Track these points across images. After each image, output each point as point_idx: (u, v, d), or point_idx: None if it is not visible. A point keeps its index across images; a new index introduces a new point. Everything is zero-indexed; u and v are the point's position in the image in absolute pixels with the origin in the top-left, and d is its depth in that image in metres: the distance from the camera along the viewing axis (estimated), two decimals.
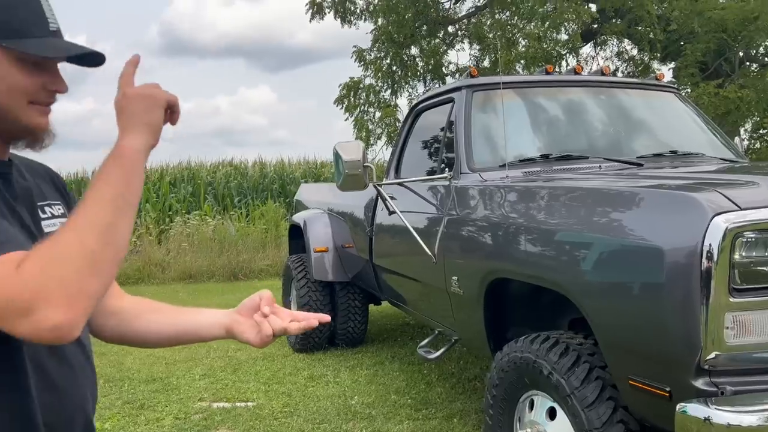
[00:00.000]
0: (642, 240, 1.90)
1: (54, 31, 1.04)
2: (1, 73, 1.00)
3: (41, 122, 1.05)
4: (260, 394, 4.13)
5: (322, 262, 4.96)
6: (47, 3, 1.04)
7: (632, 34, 8.65)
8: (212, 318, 1.24)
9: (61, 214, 1.15)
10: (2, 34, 0.98)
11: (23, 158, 1.16)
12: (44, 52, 1.00)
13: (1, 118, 1.02)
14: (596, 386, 2.13)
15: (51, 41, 1.02)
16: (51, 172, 1.24)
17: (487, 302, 2.71)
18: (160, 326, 1.25)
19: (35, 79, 1.02)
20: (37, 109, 1.04)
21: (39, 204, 1.11)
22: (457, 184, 3.04)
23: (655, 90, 3.66)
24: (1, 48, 0.99)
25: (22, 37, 0.99)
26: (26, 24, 1.00)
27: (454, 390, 4.03)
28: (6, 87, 1.00)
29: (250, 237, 10.65)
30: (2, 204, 1.01)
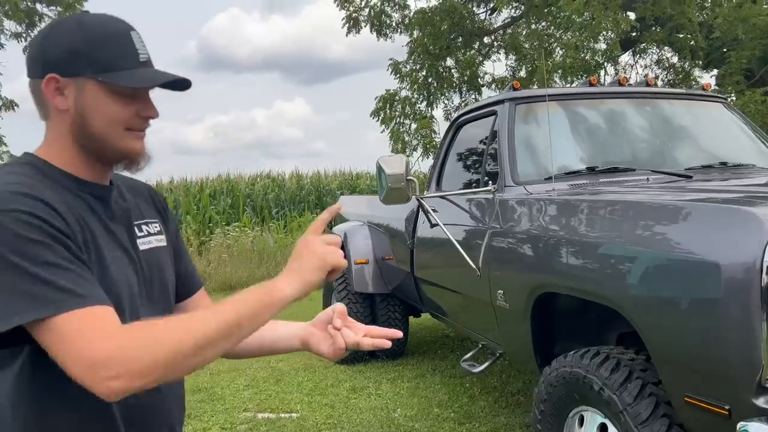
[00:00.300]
0: (698, 255, 1.87)
1: (144, 61, 1.10)
2: (99, 105, 1.07)
3: (137, 147, 1.12)
4: (303, 406, 4.17)
5: (363, 274, 4.99)
6: (137, 36, 1.11)
7: (673, 42, 8.51)
8: (290, 331, 1.30)
9: (156, 231, 1.22)
10: (97, 69, 1.06)
11: (126, 178, 1.23)
12: (134, 83, 1.07)
13: (101, 145, 1.09)
14: (650, 402, 2.09)
15: (140, 72, 1.09)
16: (151, 191, 1.30)
17: (535, 316, 2.70)
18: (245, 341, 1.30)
19: (129, 108, 1.09)
20: (132, 134, 1.11)
21: (136, 223, 1.18)
22: (502, 197, 3.04)
23: (702, 100, 3.60)
24: (97, 82, 1.06)
25: (114, 70, 1.06)
26: (117, 58, 1.07)
27: (497, 404, 4.01)
28: (104, 117, 1.07)
29: (288, 248, 10.77)
30: (99, 225, 1.08)
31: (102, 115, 1.07)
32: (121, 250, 1.11)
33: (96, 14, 1.12)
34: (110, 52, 1.07)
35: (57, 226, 0.98)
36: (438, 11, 10.08)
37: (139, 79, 1.08)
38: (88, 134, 1.08)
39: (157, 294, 1.18)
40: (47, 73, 1.06)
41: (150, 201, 1.27)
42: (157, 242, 1.21)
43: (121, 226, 1.14)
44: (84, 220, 1.05)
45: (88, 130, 1.08)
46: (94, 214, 1.09)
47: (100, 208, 1.11)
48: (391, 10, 10.85)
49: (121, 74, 1.07)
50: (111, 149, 1.10)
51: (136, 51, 1.09)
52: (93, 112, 1.07)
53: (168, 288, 1.23)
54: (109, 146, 1.09)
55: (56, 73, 1.06)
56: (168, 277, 1.23)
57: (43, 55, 1.08)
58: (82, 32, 1.07)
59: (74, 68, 1.06)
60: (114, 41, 1.08)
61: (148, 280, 1.16)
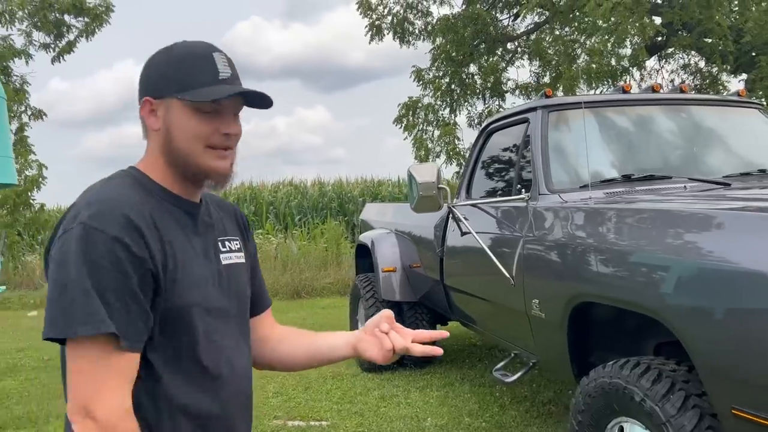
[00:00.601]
0: (743, 264, 1.84)
1: (223, 79, 1.15)
2: (181, 122, 1.13)
3: (217, 165, 1.15)
4: (333, 414, 4.17)
5: (390, 282, 4.99)
6: (222, 56, 1.16)
7: (702, 46, 8.41)
8: (343, 339, 1.33)
9: (237, 248, 1.27)
10: (179, 88, 1.13)
11: (215, 196, 1.31)
12: (204, 97, 1.11)
13: (184, 161, 1.14)
14: (694, 414, 2.06)
15: (216, 88, 1.12)
16: (237, 210, 1.37)
17: (571, 326, 2.67)
18: (300, 348, 1.35)
19: (209, 125, 1.13)
20: (214, 153, 1.15)
21: (220, 239, 1.23)
22: (536, 205, 3.02)
23: (738, 106, 3.54)
24: (179, 100, 1.13)
25: (193, 88, 1.12)
26: (197, 77, 1.13)
27: (528, 414, 3.97)
28: (186, 134, 1.13)
29: (311, 255, 10.81)
30: (185, 240, 1.14)
31: (184, 132, 1.13)
32: (203, 264, 1.16)
33: (187, 41, 1.19)
34: (191, 71, 1.13)
35: (135, 253, 1.04)
36: (461, 18, 10.08)
37: (212, 93, 1.12)
38: (173, 150, 1.14)
39: (236, 309, 1.23)
40: (143, 97, 1.16)
41: (234, 219, 1.33)
42: (237, 258, 1.26)
43: (206, 241, 1.19)
44: (170, 233, 1.11)
45: (172, 145, 1.14)
46: (182, 229, 1.15)
47: (188, 223, 1.17)
48: (413, 18, 10.87)
49: (198, 91, 1.12)
50: (193, 166, 1.15)
51: (217, 70, 1.14)
52: (177, 129, 1.13)
53: (246, 303, 1.28)
54: (191, 163, 1.14)
55: (150, 96, 1.15)
56: (246, 292, 1.28)
57: (142, 81, 1.17)
58: (168, 56, 1.16)
59: (162, 90, 1.14)
60: (196, 62, 1.14)
61: (228, 294, 1.21)
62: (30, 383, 5.34)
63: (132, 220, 1.05)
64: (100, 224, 1.03)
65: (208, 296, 1.15)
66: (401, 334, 1.26)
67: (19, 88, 11.06)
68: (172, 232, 1.12)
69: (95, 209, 1.05)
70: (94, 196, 1.09)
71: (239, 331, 1.23)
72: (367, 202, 13.44)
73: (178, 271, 1.10)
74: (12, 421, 4.30)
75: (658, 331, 2.44)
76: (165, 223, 1.12)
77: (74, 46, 11.41)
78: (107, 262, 1.02)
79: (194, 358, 1.12)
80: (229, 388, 1.18)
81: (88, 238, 1.03)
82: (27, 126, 11.15)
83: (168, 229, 1.12)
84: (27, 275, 11.86)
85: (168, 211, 1.14)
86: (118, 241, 1.03)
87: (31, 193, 10.84)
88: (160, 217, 1.11)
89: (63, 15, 11.73)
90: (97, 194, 1.10)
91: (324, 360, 1.35)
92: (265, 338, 1.37)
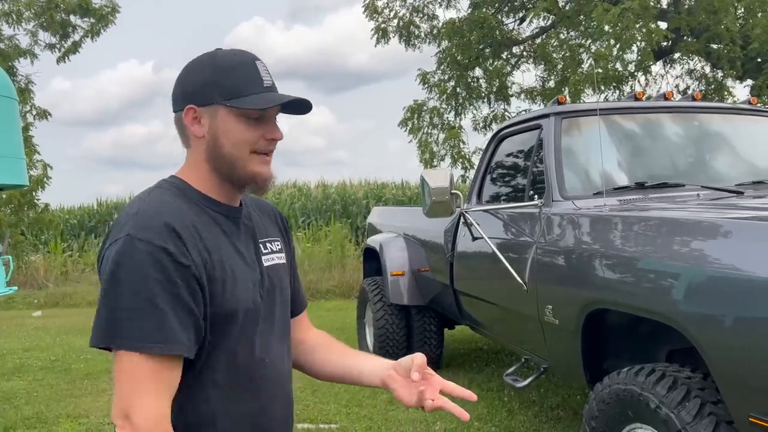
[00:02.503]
0: (762, 273, 1.85)
1: (268, 86, 1.17)
2: (228, 129, 1.15)
3: (262, 170, 1.19)
4: (342, 417, 4.18)
5: (399, 286, 5.00)
6: (262, 64, 1.19)
7: (709, 52, 8.42)
8: (373, 368, 1.32)
9: (278, 249, 1.30)
10: (226, 95, 1.14)
11: (255, 198, 1.33)
12: (256, 105, 1.14)
13: (231, 166, 1.17)
14: (710, 422, 2.07)
15: (264, 96, 1.15)
16: (276, 212, 1.39)
17: (585, 333, 2.68)
18: (331, 365, 1.37)
19: (255, 131, 1.16)
20: (258, 158, 1.18)
21: (261, 240, 1.26)
22: (549, 211, 3.04)
23: (751, 114, 3.56)
24: (226, 107, 1.15)
25: (241, 95, 1.15)
26: (243, 84, 1.15)
27: (537, 419, 3.98)
28: (233, 139, 1.16)
29: (315, 257, 10.82)
30: (228, 244, 1.17)
31: (231, 138, 1.15)
32: (247, 267, 1.19)
33: (227, 49, 1.21)
34: (237, 79, 1.15)
35: (180, 261, 1.07)
36: (467, 21, 10.10)
37: (262, 101, 1.15)
38: (219, 156, 1.16)
39: (279, 310, 1.26)
40: (186, 105, 1.16)
41: (274, 221, 1.36)
42: (278, 259, 1.29)
43: (247, 244, 1.22)
44: (212, 239, 1.14)
45: (219, 151, 1.16)
46: (224, 234, 1.18)
47: (230, 227, 1.20)
48: (419, 21, 10.89)
49: (247, 99, 1.14)
50: (239, 170, 1.17)
51: (261, 77, 1.17)
52: (223, 136, 1.16)
53: (287, 304, 1.31)
54: (238, 167, 1.17)
55: (193, 104, 1.16)
56: (287, 293, 1.31)
57: (183, 90, 1.17)
58: (213, 64, 1.17)
59: (208, 97, 1.15)
60: (241, 70, 1.16)
61: (272, 296, 1.24)
62: (38, 383, 5.36)
63: (174, 229, 1.08)
64: (145, 235, 1.06)
65: (253, 299, 1.18)
66: (430, 381, 1.25)
67: (24, 88, 11.09)
68: (216, 238, 1.15)
69: (139, 220, 1.09)
70: (139, 207, 1.12)
71: (282, 333, 1.26)
72: (371, 204, 13.45)
73: (224, 276, 1.12)
74: (21, 422, 4.32)
75: (671, 338, 2.46)
76: (208, 229, 1.14)
77: (79, 47, 11.45)
78: (153, 271, 1.04)
79: (238, 362, 1.15)
80: (271, 389, 1.22)
81: (134, 248, 1.05)
82: (32, 126, 11.19)
83: (211, 235, 1.14)
84: (31, 275, 11.88)
85: (210, 217, 1.17)
86: (163, 251, 1.05)
87: (35, 193, 10.88)
88: (203, 224, 1.14)
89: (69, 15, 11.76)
90: (140, 205, 1.12)
91: (351, 381, 1.36)
92: (299, 342, 1.39)
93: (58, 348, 6.80)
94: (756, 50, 7.70)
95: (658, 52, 8.94)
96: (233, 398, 1.15)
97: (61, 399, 4.84)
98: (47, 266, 12.24)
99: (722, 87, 9.44)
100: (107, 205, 16.43)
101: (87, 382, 5.33)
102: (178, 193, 1.17)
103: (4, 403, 4.80)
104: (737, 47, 7.84)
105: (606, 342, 2.78)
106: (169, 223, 1.08)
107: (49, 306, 10.37)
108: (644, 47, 8.14)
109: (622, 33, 7.65)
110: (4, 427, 4.21)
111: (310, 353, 1.39)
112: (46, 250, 13.32)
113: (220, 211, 1.19)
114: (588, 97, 8.68)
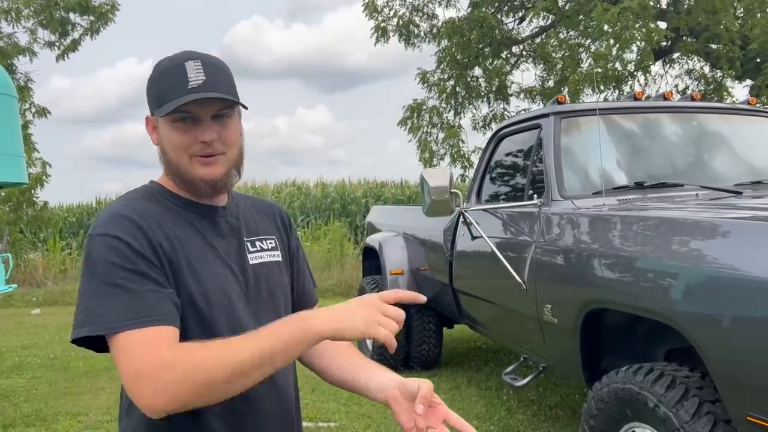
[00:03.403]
0: (761, 273, 1.86)
1: (193, 87, 1.13)
2: (165, 135, 1.17)
3: (202, 173, 1.17)
4: (341, 415, 4.19)
5: (398, 285, 5.00)
6: (195, 64, 1.16)
7: (708, 52, 8.44)
8: (379, 383, 1.24)
9: (271, 247, 1.30)
10: (155, 104, 1.17)
11: (254, 198, 1.35)
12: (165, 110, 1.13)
13: (176, 172, 1.19)
14: (708, 421, 2.08)
15: (181, 98, 1.12)
16: (278, 211, 1.39)
17: (583, 332, 2.69)
18: (341, 372, 1.32)
19: (187, 136, 1.16)
20: (197, 161, 1.17)
21: (248, 239, 1.26)
22: (548, 211, 3.04)
23: (750, 114, 3.57)
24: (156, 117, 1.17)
25: (164, 102, 1.14)
26: (168, 91, 1.14)
27: (536, 417, 3.99)
28: (171, 147, 1.17)
29: (314, 256, 10.83)
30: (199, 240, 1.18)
31: (169, 144, 1.17)
32: (220, 263, 1.19)
33: (170, 55, 1.19)
34: (163, 86, 1.15)
35: (135, 248, 1.08)
36: (467, 21, 10.11)
37: (171, 105, 1.12)
38: (168, 163, 1.19)
39: (263, 306, 1.24)
40: (148, 115, 1.20)
41: (271, 218, 1.35)
42: (269, 257, 1.28)
43: (228, 242, 1.22)
44: (175, 230, 1.15)
45: (167, 158, 1.19)
46: (193, 227, 1.18)
47: (204, 225, 1.20)
48: (419, 20, 10.90)
49: (167, 105, 1.13)
50: (184, 175, 1.18)
51: (187, 79, 1.14)
52: (165, 144, 1.18)
53: (278, 301, 1.28)
54: (182, 172, 1.18)
55: (150, 113, 1.19)
56: (279, 290, 1.29)
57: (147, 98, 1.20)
58: (152, 74, 1.19)
59: (151, 107, 1.19)
60: (168, 75, 1.15)
61: (254, 291, 1.22)
62: (37, 381, 5.36)
63: (127, 217, 1.11)
64: (103, 230, 1.10)
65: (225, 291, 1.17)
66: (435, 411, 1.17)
67: (24, 86, 11.08)
68: (182, 230, 1.16)
69: (100, 219, 1.13)
70: (105, 210, 1.16)
71: None
72: (370, 203, 13.46)
73: (185, 261, 1.13)
74: (21, 419, 4.32)
75: (670, 338, 2.47)
76: (173, 222, 1.16)
77: (79, 45, 11.44)
78: (111, 257, 1.07)
79: None
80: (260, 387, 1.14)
81: (93, 243, 1.10)
82: (31, 124, 11.18)
83: (176, 227, 1.16)
84: (30, 273, 11.88)
85: (179, 215, 1.18)
86: (118, 239, 1.08)
87: (34, 191, 10.87)
88: (168, 218, 1.16)
89: (68, 13, 11.75)
90: (107, 208, 1.17)
91: (357, 392, 1.31)
92: None
93: (57, 346, 6.81)
94: (755, 50, 7.71)
95: (657, 52, 8.95)
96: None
97: (60, 396, 4.85)
98: (46, 264, 12.24)
99: (721, 87, 9.45)
100: (106, 203, 16.41)
101: (86, 379, 5.34)
102: (147, 196, 1.19)
103: (3, 400, 4.81)
104: (736, 47, 7.86)
105: (605, 341, 2.79)
106: (123, 214, 1.12)
107: (48, 304, 10.37)
108: (644, 47, 8.15)
109: (621, 33, 7.66)
110: (4, 425, 4.21)
111: (316, 357, 1.34)
112: (45, 248, 13.32)
113: (193, 211, 1.21)
114: (587, 96, 8.70)
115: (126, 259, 1.07)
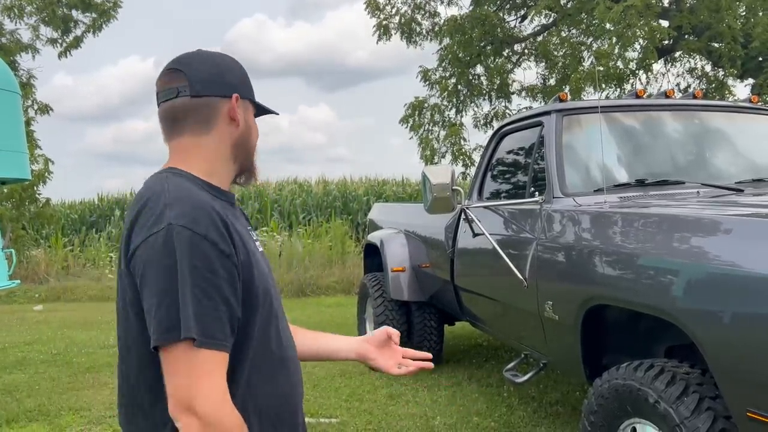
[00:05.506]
0: (761, 269, 1.87)
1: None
2: (252, 122, 1.31)
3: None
4: (342, 411, 4.20)
5: (399, 282, 5.02)
6: None
7: (711, 50, 8.43)
8: (348, 344, 1.50)
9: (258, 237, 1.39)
10: (252, 95, 1.30)
11: None
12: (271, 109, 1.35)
13: (248, 156, 1.29)
14: (708, 417, 2.09)
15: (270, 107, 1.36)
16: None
17: (584, 328, 2.70)
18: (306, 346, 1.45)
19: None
20: None
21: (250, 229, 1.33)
22: (550, 208, 3.05)
23: (752, 113, 3.58)
24: (253, 105, 1.30)
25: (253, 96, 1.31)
26: (251, 88, 1.32)
27: (536, 414, 4.01)
28: (255, 133, 1.31)
29: (316, 253, 10.84)
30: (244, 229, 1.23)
31: (255, 131, 1.31)
32: (257, 251, 1.25)
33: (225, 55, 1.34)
34: (248, 81, 1.32)
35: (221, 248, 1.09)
36: (469, 19, 10.10)
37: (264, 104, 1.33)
38: (247, 146, 1.28)
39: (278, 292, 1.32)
40: (233, 93, 1.24)
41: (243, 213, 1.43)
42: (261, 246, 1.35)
43: (249, 230, 1.29)
44: (236, 225, 1.19)
45: (248, 140, 1.28)
46: (238, 220, 1.24)
47: (239, 213, 1.29)
48: (421, 18, 10.89)
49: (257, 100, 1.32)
50: (251, 161, 1.30)
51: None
52: (253, 128, 1.30)
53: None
54: (251, 158, 1.30)
55: (237, 93, 1.26)
56: None
57: (223, 78, 1.24)
58: (239, 65, 1.31)
59: (245, 92, 1.28)
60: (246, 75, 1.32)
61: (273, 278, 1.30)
62: (40, 377, 5.38)
63: (215, 216, 1.10)
64: (187, 222, 1.07)
65: (272, 282, 1.25)
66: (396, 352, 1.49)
67: (26, 83, 11.10)
68: (236, 225, 1.19)
69: (179, 207, 1.09)
70: (178, 195, 1.11)
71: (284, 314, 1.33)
72: (372, 201, 13.47)
73: (250, 259, 1.17)
74: (23, 414, 4.34)
75: (670, 334, 2.48)
76: (229, 217, 1.17)
77: (81, 42, 11.44)
78: (197, 259, 1.05)
79: (271, 343, 1.19)
80: (296, 368, 1.27)
81: (179, 237, 1.06)
82: (33, 120, 11.20)
83: (233, 222, 1.18)
84: (32, 269, 11.91)
85: (223, 206, 1.20)
86: (205, 239, 1.07)
87: (36, 188, 10.89)
88: (225, 211, 1.17)
89: (71, 10, 11.76)
90: (180, 193, 1.12)
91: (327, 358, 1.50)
92: None
93: (60, 342, 6.83)
94: (757, 49, 7.71)
95: (659, 51, 8.95)
96: (269, 380, 1.18)
97: (63, 392, 4.87)
98: (48, 261, 12.27)
99: (723, 85, 9.44)
100: (108, 200, 16.45)
101: (89, 375, 5.36)
102: (194, 183, 1.18)
103: (6, 396, 4.83)
104: (738, 46, 7.85)
105: (605, 338, 2.80)
106: (206, 209, 1.10)
107: (50, 300, 10.40)
108: (647, 45, 8.14)
109: (624, 31, 7.65)
110: (7, 420, 4.23)
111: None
112: (47, 245, 13.35)
113: (226, 199, 1.24)
114: (589, 94, 8.70)
115: (210, 262, 1.06)
